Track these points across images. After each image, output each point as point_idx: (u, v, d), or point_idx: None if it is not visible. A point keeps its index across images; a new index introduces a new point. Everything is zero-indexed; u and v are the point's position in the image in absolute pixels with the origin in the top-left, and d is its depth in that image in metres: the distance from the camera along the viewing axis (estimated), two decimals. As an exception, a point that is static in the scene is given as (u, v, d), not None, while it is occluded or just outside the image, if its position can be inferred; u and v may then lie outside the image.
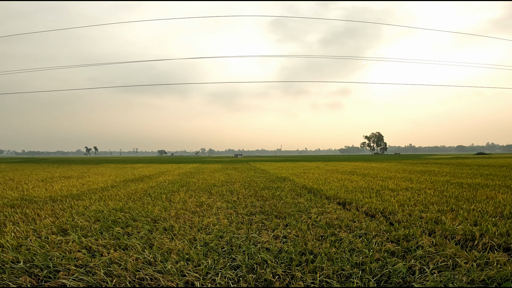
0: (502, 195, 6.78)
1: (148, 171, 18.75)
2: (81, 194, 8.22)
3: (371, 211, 5.46)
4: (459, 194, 7.25)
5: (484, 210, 5.24)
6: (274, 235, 3.92)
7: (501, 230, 3.79)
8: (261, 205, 6.10)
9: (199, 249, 3.32)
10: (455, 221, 4.50)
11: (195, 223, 4.61)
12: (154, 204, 6.39)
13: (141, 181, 12.02)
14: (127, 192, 8.44)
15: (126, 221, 4.80)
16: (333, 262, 2.93)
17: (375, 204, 5.94)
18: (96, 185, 10.60)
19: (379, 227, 4.23)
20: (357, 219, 4.81)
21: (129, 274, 2.64)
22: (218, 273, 2.71)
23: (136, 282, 2.51)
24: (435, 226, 4.21)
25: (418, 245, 3.35)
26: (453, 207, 5.55)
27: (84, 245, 3.55)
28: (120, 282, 2.50)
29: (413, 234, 3.79)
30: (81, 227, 4.46)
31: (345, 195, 7.16)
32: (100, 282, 2.50)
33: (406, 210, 5.38)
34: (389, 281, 2.53)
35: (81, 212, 5.60)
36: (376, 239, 3.67)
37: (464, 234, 3.75)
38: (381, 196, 7.11)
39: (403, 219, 4.69)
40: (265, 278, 2.64)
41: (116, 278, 2.56)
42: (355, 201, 6.31)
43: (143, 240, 3.72)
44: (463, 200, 6.39)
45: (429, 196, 6.95)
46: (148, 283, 2.48)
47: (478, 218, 4.57)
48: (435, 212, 5.19)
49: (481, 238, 3.57)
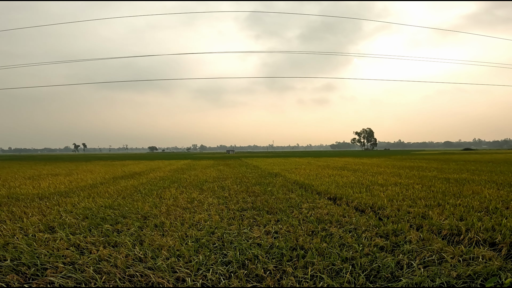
0: (488, 190, 6.98)
1: (138, 168, 18.52)
2: (69, 192, 8.07)
3: (361, 206, 5.54)
4: (446, 189, 7.43)
5: (470, 205, 5.37)
6: (265, 231, 3.94)
7: (487, 225, 3.88)
8: (252, 201, 6.11)
9: (190, 245, 3.30)
10: (442, 215, 4.61)
11: (186, 219, 4.59)
12: (145, 200, 6.33)
13: (131, 178, 11.88)
14: (117, 189, 8.32)
15: (116, 218, 4.74)
16: (324, 257, 2.96)
17: (364, 199, 6.03)
18: (85, 182, 10.42)
19: (369, 222, 4.29)
20: (347, 214, 4.88)
21: (119, 271, 2.61)
22: (209, 269, 2.71)
23: (126, 279, 2.49)
24: (423, 221, 4.30)
25: (406, 240, 3.42)
26: (440, 202, 5.68)
27: (72, 242, 3.49)
28: (109, 279, 2.47)
29: (401, 229, 3.87)
30: (69, 224, 4.38)
31: (335, 191, 7.24)
32: (89, 279, 2.46)
33: (395, 205, 5.48)
34: (378, 275, 2.58)
35: (69, 210, 5.50)
36: (366, 234, 3.73)
37: (451, 229, 3.84)
38: (371, 191, 7.22)
39: (391, 214, 4.77)
40: (256, 273, 2.65)
41: (106, 275, 2.52)
42: (346, 196, 6.39)
43: (133, 237, 3.68)
44: (450, 195, 6.55)
45: (417, 191, 7.09)
46: (139, 280, 2.46)
47: (464, 213, 4.69)
48: (422, 207, 5.30)
49: (467, 233, 3.66)
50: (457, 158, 28.55)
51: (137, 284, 2.39)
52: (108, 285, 2.36)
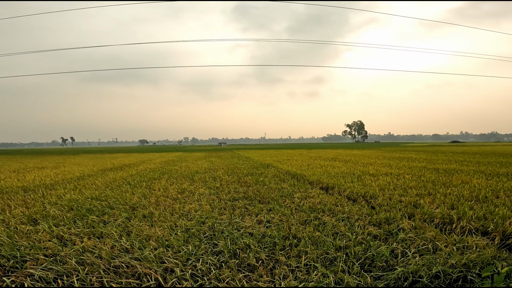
0: (476, 180, 7.07)
1: (128, 160, 18.20)
2: (55, 184, 7.82)
3: (353, 195, 5.53)
4: (435, 179, 7.50)
5: (460, 194, 5.40)
6: (257, 220, 3.86)
7: (478, 214, 3.88)
8: (244, 191, 6.03)
9: (179, 235, 3.20)
10: (433, 204, 4.62)
11: (176, 209, 4.47)
12: (133, 192, 6.17)
13: (120, 170, 11.63)
14: (105, 181, 8.11)
15: (103, 209, 4.59)
16: (317, 246, 2.91)
17: (356, 188, 6.02)
18: (72, 175, 10.14)
19: (361, 211, 4.27)
20: (340, 203, 4.84)
21: (103, 262, 2.49)
22: (199, 259, 2.61)
23: (111, 270, 2.37)
24: (414, 209, 4.29)
25: (399, 228, 3.40)
26: (431, 191, 5.72)
27: (56, 234, 3.34)
28: (93, 270, 2.35)
29: (394, 218, 3.85)
30: (53, 216, 4.21)
31: (327, 180, 7.22)
32: (71, 271, 2.34)
33: (386, 194, 5.48)
34: (373, 264, 2.53)
35: (54, 202, 5.30)
36: (359, 223, 3.69)
37: (442, 217, 3.83)
38: (362, 181, 7.23)
39: (383, 203, 4.76)
40: (248, 263, 2.58)
41: (89, 266, 2.40)
42: (338, 186, 6.37)
43: (120, 227, 3.55)
44: (440, 184, 6.60)
45: (408, 181, 7.13)
46: (124, 271, 2.35)
47: (454, 202, 4.70)
48: (413, 196, 5.31)
49: (458, 221, 3.65)
50: (445, 150, 29.10)
51: (122, 275, 2.28)
52: (90, 277, 2.24)
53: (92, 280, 2.20)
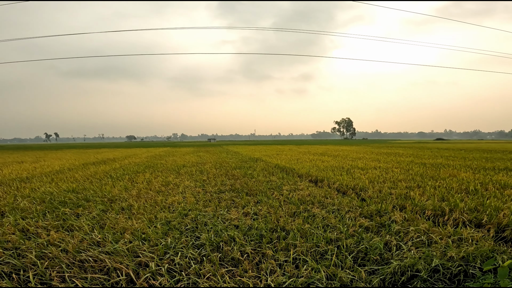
0: (464, 174, 7.08)
1: (113, 155, 17.63)
2: (32, 177, 7.37)
3: (342, 188, 5.39)
4: (423, 172, 7.48)
5: (449, 186, 5.35)
6: (244, 212, 3.65)
7: (470, 206, 3.80)
8: (231, 184, 5.80)
9: (158, 228, 2.95)
10: (423, 196, 4.52)
11: (158, 202, 4.21)
12: (114, 185, 5.84)
13: (103, 164, 11.18)
14: (86, 174, 7.71)
15: (78, 202, 4.27)
16: (307, 239, 2.72)
17: (346, 181, 5.89)
18: (51, 168, 9.65)
19: (352, 203, 4.12)
20: (329, 195, 4.69)
21: (68, 256, 2.22)
22: (178, 252, 2.38)
23: (76, 264, 2.10)
24: (405, 201, 4.18)
25: (392, 220, 3.25)
26: (420, 184, 5.65)
27: (21, 227, 3.03)
28: (54, 264, 2.08)
29: (385, 209, 3.72)
30: (22, 209, 3.88)
31: (317, 173, 7.08)
32: (30, 266, 2.06)
33: (376, 186, 5.36)
34: (366, 258, 2.36)
35: (27, 195, 4.94)
36: (349, 215, 3.54)
37: (434, 209, 3.72)
38: (352, 174, 7.12)
39: (373, 195, 4.64)
40: (232, 257, 2.36)
41: (50, 260, 2.13)
42: (327, 179, 6.23)
43: (94, 220, 3.26)
44: (428, 177, 6.57)
45: (397, 174, 7.08)
46: (91, 266, 2.09)
47: (445, 194, 4.63)
48: (403, 188, 5.22)
49: (451, 213, 3.54)
50: (430, 146, 29.64)
51: (88, 270, 2.02)
52: (50, 271, 1.97)
53: (51, 275, 1.93)
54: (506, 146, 29.43)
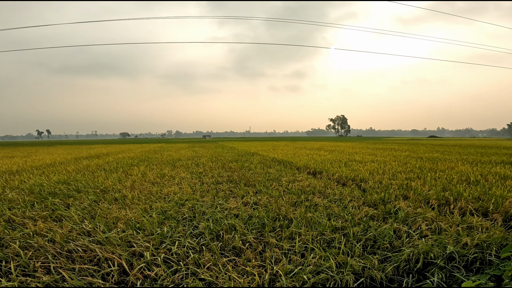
0: (462, 166, 7.03)
1: (106, 150, 17.29)
2: (22, 171, 7.11)
3: (342, 179, 5.28)
4: (421, 165, 7.42)
5: (449, 177, 5.29)
6: (243, 202, 3.50)
7: (474, 195, 3.72)
8: (228, 175, 5.64)
9: (154, 217, 2.79)
10: (425, 187, 4.44)
11: (153, 192, 4.03)
12: (107, 177, 5.63)
13: (96, 158, 10.90)
14: (78, 168, 7.47)
15: (68, 192, 4.07)
16: (311, 227, 2.59)
17: (345, 173, 5.78)
18: (42, 162, 9.37)
19: (353, 193, 4.01)
20: (330, 186, 4.57)
21: (55, 246, 2.04)
22: (175, 241, 2.22)
23: (63, 254, 1.93)
24: (407, 191, 4.08)
25: (397, 208, 3.14)
26: (419, 175, 5.57)
27: (7, 218, 2.84)
28: (39, 255, 1.91)
29: (389, 198, 3.61)
30: (9, 200, 3.67)
31: (315, 166, 6.96)
32: (13, 256, 1.88)
33: (376, 178, 5.27)
34: (375, 245, 2.23)
35: (16, 186, 4.72)
36: (353, 204, 3.42)
37: (438, 198, 3.63)
38: (350, 167, 7.02)
39: (374, 186, 4.54)
40: (233, 245, 2.22)
41: (35, 251, 1.95)
42: (326, 171, 6.12)
43: (85, 211, 3.08)
44: (427, 169, 6.50)
45: (395, 167, 7.00)
46: (80, 256, 1.92)
47: (446, 184, 4.55)
48: (403, 179, 5.13)
49: (455, 202, 3.46)
50: (424, 143, 29.82)
51: (76, 261, 1.85)
52: (34, 261, 1.80)
53: (36, 266, 1.76)
54: (499, 143, 29.82)
